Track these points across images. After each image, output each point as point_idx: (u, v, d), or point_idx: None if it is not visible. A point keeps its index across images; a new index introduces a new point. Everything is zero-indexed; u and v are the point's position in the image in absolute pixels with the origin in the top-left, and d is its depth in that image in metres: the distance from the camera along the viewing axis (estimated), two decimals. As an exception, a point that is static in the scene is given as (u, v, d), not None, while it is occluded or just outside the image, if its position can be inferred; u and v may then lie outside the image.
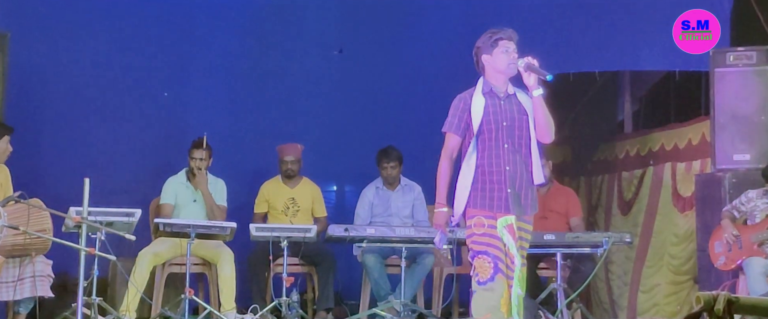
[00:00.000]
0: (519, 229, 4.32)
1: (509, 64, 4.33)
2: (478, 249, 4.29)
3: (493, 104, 4.37)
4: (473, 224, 4.32)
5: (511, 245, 4.27)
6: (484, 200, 4.31)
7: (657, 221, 7.03)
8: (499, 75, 4.40)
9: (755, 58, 6.08)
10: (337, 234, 6.06)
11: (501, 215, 4.29)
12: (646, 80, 8.20)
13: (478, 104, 4.37)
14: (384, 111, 7.80)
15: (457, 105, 4.45)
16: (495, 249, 4.26)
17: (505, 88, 4.42)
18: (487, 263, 4.25)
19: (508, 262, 4.27)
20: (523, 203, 4.33)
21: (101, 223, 5.32)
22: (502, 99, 4.39)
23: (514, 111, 4.37)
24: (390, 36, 7.75)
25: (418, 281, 6.43)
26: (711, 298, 2.43)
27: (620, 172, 7.68)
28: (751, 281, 5.55)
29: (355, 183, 7.60)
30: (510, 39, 4.38)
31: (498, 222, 4.28)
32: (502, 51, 4.36)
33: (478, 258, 4.28)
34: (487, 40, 4.41)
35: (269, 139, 7.29)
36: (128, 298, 6.00)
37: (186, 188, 6.60)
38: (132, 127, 7.45)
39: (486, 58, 4.42)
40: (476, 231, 4.30)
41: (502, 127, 4.33)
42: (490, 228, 4.28)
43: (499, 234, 4.27)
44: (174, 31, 7.49)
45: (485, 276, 4.26)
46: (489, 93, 4.40)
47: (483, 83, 4.43)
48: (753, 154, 6.03)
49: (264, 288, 6.55)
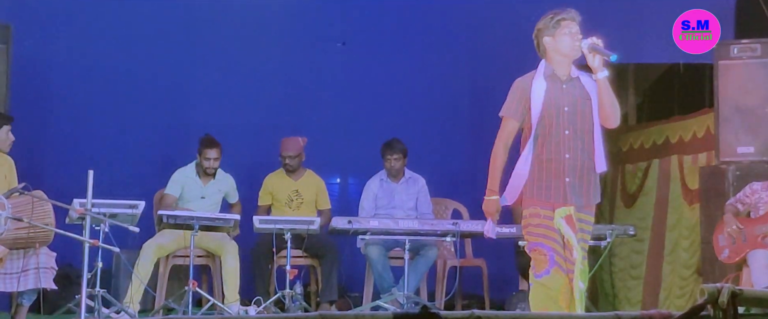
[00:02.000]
0: (579, 220, 4.10)
1: (573, 46, 4.11)
2: (533, 241, 4.10)
3: (555, 88, 4.14)
4: (529, 215, 4.12)
5: (570, 237, 4.05)
6: (541, 191, 4.09)
7: (670, 214, 7.00)
8: (563, 58, 4.16)
9: (760, 50, 6.05)
10: (341, 226, 6.06)
11: (559, 205, 4.08)
12: (651, 73, 8.18)
13: (538, 88, 4.12)
14: (388, 103, 7.79)
15: (515, 89, 4.20)
16: (551, 241, 4.06)
17: (568, 72, 4.18)
18: (543, 256, 4.06)
19: (567, 254, 4.06)
20: (584, 193, 4.12)
21: (105, 215, 5.33)
22: (565, 83, 4.16)
23: (576, 95, 4.14)
24: (393, 28, 7.74)
25: (421, 273, 6.44)
26: (715, 290, 2.43)
27: (624, 164, 7.67)
28: (755, 274, 5.54)
29: (359, 175, 7.60)
30: (573, 20, 4.16)
31: (556, 213, 4.07)
32: (566, 32, 4.14)
33: (534, 251, 4.10)
34: (548, 22, 4.16)
35: (273, 131, 7.28)
36: (132, 290, 6.02)
37: (195, 183, 6.60)
38: (136, 119, 7.45)
39: (548, 41, 4.17)
40: (532, 222, 4.11)
41: (563, 113, 4.11)
42: (546, 219, 4.07)
43: (557, 226, 4.07)
44: (178, 23, 7.49)
45: (541, 269, 4.06)
46: (551, 76, 4.16)
47: (545, 66, 4.19)
48: (757, 147, 6.01)
49: (267, 280, 6.55)
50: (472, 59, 7.71)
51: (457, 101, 7.93)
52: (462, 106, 7.95)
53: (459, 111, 7.94)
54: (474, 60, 7.71)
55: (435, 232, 6.13)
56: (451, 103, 7.91)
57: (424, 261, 6.43)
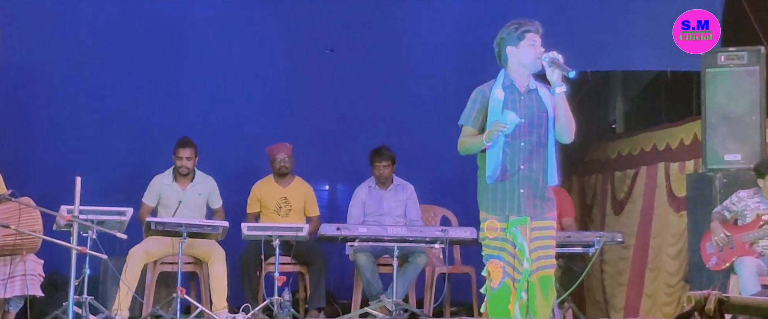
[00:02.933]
0: (536, 229, 4.14)
1: (535, 58, 4.14)
2: (490, 254, 4.17)
3: (513, 99, 4.17)
4: (486, 228, 4.19)
5: (522, 247, 4.12)
6: (495, 202, 4.16)
7: (655, 222, 7.03)
8: (523, 69, 4.19)
9: (746, 58, 6.08)
10: (330, 233, 6.06)
11: (513, 215, 4.14)
12: (638, 80, 8.22)
13: (496, 98, 4.17)
14: (376, 110, 7.79)
15: (475, 98, 4.25)
16: (505, 253, 4.13)
17: (526, 83, 4.21)
18: (498, 268, 4.13)
19: (517, 264, 4.13)
20: (538, 205, 4.17)
21: (92, 221, 5.31)
22: (523, 94, 4.20)
23: (533, 107, 4.18)
24: (382, 35, 7.75)
25: (409, 280, 6.43)
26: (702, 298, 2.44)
27: (613, 172, 7.69)
28: (743, 281, 5.56)
29: (347, 182, 7.60)
30: (536, 32, 4.18)
31: (509, 223, 4.13)
32: (529, 44, 4.15)
33: (490, 262, 4.17)
34: (512, 32, 4.18)
35: (260, 138, 7.28)
36: (120, 297, 5.99)
37: (172, 189, 6.58)
38: (124, 126, 7.43)
39: (510, 51, 4.19)
40: (489, 235, 4.18)
41: (520, 124, 4.15)
42: (501, 232, 4.14)
43: (510, 236, 4.13)
44: (165, 31, 7.47)
45: (495, 281, 4.15)
46: (509, 87, 4.19)
47: (504, 76, 4.22)
48: (744, 154, 6.04)
49: (256, 287, 6.54)
50: (460, 66, 7.71)
51: (445, 108, 7.91)
52: (450, 113, 7.92)
53: (447, 118, 7.91)
54: (462, 66, 7.71)
55: (424, 239, 6.14)
56: (439, 110, 7.90)
57: (412, 268, 6.43)
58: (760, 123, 6.02)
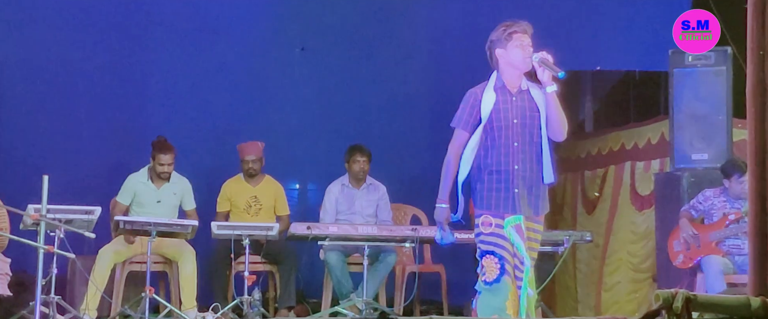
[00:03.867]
0: (528, 229, 4.18)
1: (524, 58, 4.16)
2: (485, 249, 4.16)
3: (504, 100, 4.20)
4: (481, 223, 4.19)
5: (519, 245, 4.13)
6: (491, 201, 4.17)
7: (616, 219, 7.09)
8: (513, 70, 4.22)
9: (713, 58, 6.14)
10: (300, 232, 6.05)
11: (508, 215, 4.15)
12: (607, 80, 8.27)
13: (488, 100, 4.19)
14: (347, 109, 7.79)
15: (467, 100, 4.26)
16: (502, 249, 4.13)
17: (518, 84, 4.24)
18: (494, 264, 4.12)
19: (517, 262, 4.14)
20: (532, 204, 4.20)
21: (60, 220, 5.26)
22: (514, 95, 4.22)
23: (525, 108, 4.21)
24: (352, 34, 7.75)
25: (380, 279, 6.44)
26: (669, 296, 2.46)
27: (583, 171, 7.73)
28: (709, 279, 5.62)
29: (318, 182, 7.59)
30: (525, 32, 4.20)
31: (505, 222, 4.14)
32: (517, 45, 4.18)
33: (486, 258, 4.15)
34: (501, 34, 4.21)
35: (231, 137, 7.25)
36: (88, 296, 5.95)
37: (148, 188, 6.53)
38: (91, 124, 7.37)
39: (500, 53, 4.22)
40: (484, 230, 4.17)
41: (513, 125, 4.18)
42: (497, 227, 4.14)
43: (507, 234, 4.14)
44: (135, 27, 7.43)
45: (491, 277, 4.13)
46: (501, 88, 4.22)
47: (495, 78, 4.25)
48: (711, 154, 6.10)
49: (225, 286, 6.52)
50: (432, 65, 7.74)
51: (416, 107, 7.96)
52: (422, 112, 7.98)
53: (419, 117, 7.97)
54: (434, 66, 7.74)
55: (394, 238, 6.15)
56: (410, 110, 7.93)
57: (383, 267, 6.43)
58: (726, 123, 6.08)
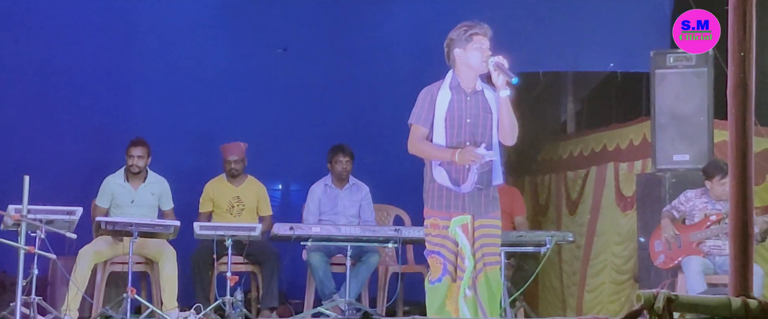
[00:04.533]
0: (481, 227, 4.23)
1: (482, 61, 4.23)
2: (431, 249, 4.27)
3: (459, 100, 4.28)
4: (429, 225, 4.29)
5: (464, 245, 4.20)
6: (440, 200, 4.24)
7: (600, 220, 7.12)
8: (470, 71, 4.29)
9: (694, 59, 6.18)
10: (283, 233, 6.03)
11: (456, 214, 4.23)
12: (589, 81, 8.30)
13: (443, 98, 4.27)
14: (330, 110, 7.78)
15: (424, 97, 4.35)
16: (446, 250, 4.22)
17: (473, 85, 4.31)
18: (438, 264, 4.23)
19: (459, 262, 4.21)
20: (483, 203, 4.25)
21: (41, 221, 5.23)
22: (469, 95, 4.30)
23: (479, 108, 4.28)
24: (336, 35, 7.74)
25: (363, 279, 6.44)
26: (651, 296, 2.47)
27: (566, 172, 7.76)
28: (689, 280, 5.65)
29: (301, 182, 7.58)
30: (485, 34, 4.27)
31: (452, 221, 4.22)
32: (476, 47, 4.25)
33: (431, 257, 4.27)
34: (461, 34, 4.28)
35: (213, 137, 7.23)
36: (69, 297, 5.92)
37: (124, 189, 6.50)
38: (73, 124, 7.33)
39: (458, 53, 4.30)
40: (431, 232, 4.28)
41: (465, 124, 4.26)
42: (443, 229, 4.24)
43: (452, 234, 4.21)
44: (116, 27, 7.39)
45: (434, 276, 4.25)
46: (456, 88, 4.30)
47: (451, 77, 4.33)
48: (692, 155, 6.13)
49: (207, 287, 6.50)
50: (414, 64, 7.72)
51: (398, 108, 7.90)
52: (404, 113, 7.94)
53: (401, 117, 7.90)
54: (416, 65, 7.72)
55: (377, 238, 6.14)
56: (393, 110, 7.88)
57: (365, 267, 6.43)
58: (708, 124, 6.12)
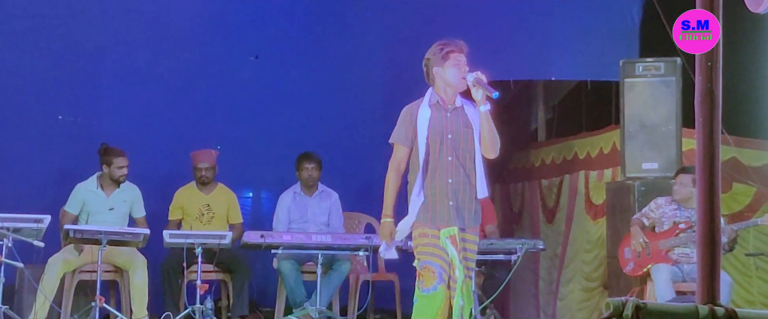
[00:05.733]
0: (463, 240, 4.32)
1: (460, 77, 4.32)
2: (424, 260, 4.32)
3: (439, 117, 4.37)
4: (418, 235, 4.35)
5: (453, 256, 4.27)
6: (427, 214, 4.33)
7: (572, 229, 7.16)
8: (449, 88, 4.38)
9: (663, 69, 6.24)
10: (253, 241, 6.01)
11: (443, 226, 4.31)
12: (559, 89, 8.35)
13: (423, 116, 4.36)
14: (300, 117, 7.76)
15: (404, 116, 4.44)
16: (439, 259, 4.28)
17: (453, 101, 4.41)
18: (431, 273, 4.27)
19: (452, 272, 4.29)
20: (465, 216, 4.35)
21: (8, 229, 5.18)
22: (449, 112, 4.39)
23: (460, 124, 4.37)
24: (306, 41, 7.73)
25: (334, 287, 6.43)
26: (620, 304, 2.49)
27: (539, 180, 7.79)
28: (658, 287, 5.69)
29: (271, 190, 7.55)
30: (461, 51, 4.36)
31: (441, 233, 4.29)
32: (453, 64, 4.34)
33: (424, 267, 4.31)
34: (437, 53, 4.38)
35: (183, 144, 7.18)
36: (36, 306, 5.86)
37: (97, 196, 6.45)
38: (41, 131, 7.25)
39: (437, 71, 4.38)
40: (421, 242, 4.34)
41: (447, 140, 4.34)
42: (433, 238, 4.30)
43: (442, 245, 4.29)
44: (85, 34, 7.32)
45: (428, 285, 4.28)
46: (435, 105, 4.39)
47: (430, 95, 4.42)
48: (661, 163, 6.19)
49: (177, 295, 6.46)
50: (386, 73, 7.74)
51: (370, 115, 7.95)
52: (375, 120, 7.96)
53: (372, 125, 7.95)
54: (388, 74, 7.74)
55: (348, 246, 6.14)
56: (364, 117, 7.92)
57: (336, 275, 6.42)
58: (676, 132, 6.18)
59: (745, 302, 6.11)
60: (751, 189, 6.25)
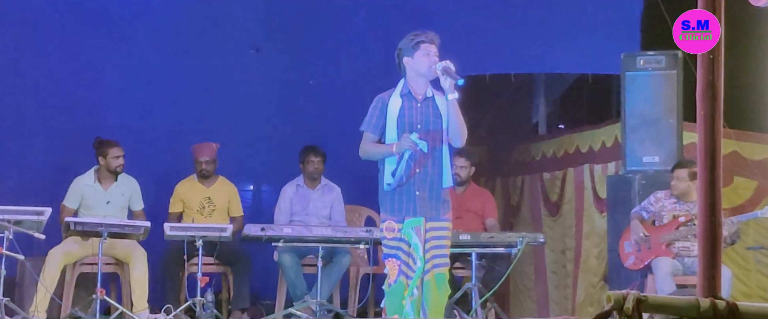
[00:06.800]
0: (432, 229, 4.39)
1: (429, 67, 4.39)
2: (388, 252, 4.44)
3: (410, 106, 4.44)
4: (385, 228, 4.45)
5: (416, 246, 4.36)
6: (393, 204, 4.41)
7: (584, 224, 7.12)
8: (419, 77, 4.46)
9: (664, 62, 6.23)
10: (254, 234, 6.02)
11: (409, 217, 4.38)
12: (560, 83, 8.35)
13: (394, 106, 4.43)
14: (301, 111, 7.77)
15: (375, 105, 4.52)
16: (401, 252, 4.39)
17: (423, 91, 4.47)
18: (395, 266, 4.39)
19: (411, 262, 4.38)
20: (434, 206, 4.41)
21: (9, 221, 5.19)
22: (419, 101, 4.46)
23: (429, 114, 4.44)
24: (307, 34, 7.72)
25: (334, 280, 6.43)
26: (621, 297, 2.49)
27: (541, 173, 7.77)
28: (659, 281, 5.69)
29: (272, 183, 7.56)
30: (431, 42, 4.43)
31: (405, 223, 4.37)
32: (424, 54, 4.41)
33: (388, 261, 4.43)
34: (409, 43, 4.46)
35: (184, 137, 7.19)
36: (37, 298, 5.87)
37: (95, 190, 6.44)
38: (42, 125, 7.26)
39: (407, 61, 4.47)
40: (387, 235, 4.44)
41: (416, 129, 4.40)
42: (398, 232, 4.40)
43: (406, 236, 4.37)
44: (87, 28, 7.32)
45: (392, 278, 4.41)
46: (406, 95, 4.46)
47: (402, 84, 4.50)
48: (661, 156, 6.18)
49: (178, 288, 6.46)
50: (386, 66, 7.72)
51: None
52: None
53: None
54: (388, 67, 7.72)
55: (348, 239, 6.15)
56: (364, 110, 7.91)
57: (337, 268, 6.42)
58: (677, 126, 6.17)
59: (743, 296, 6.11)
60: (752, 183, 6.24)
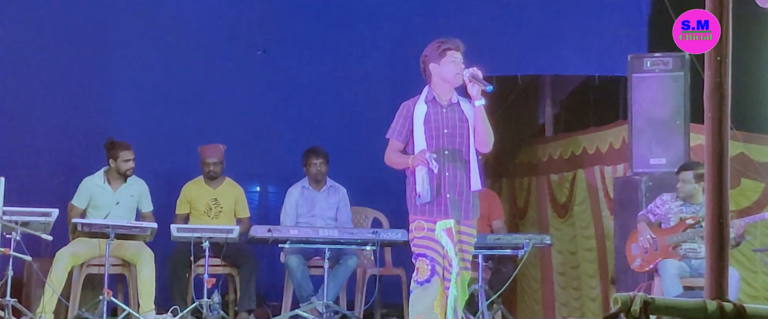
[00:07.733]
0: (459, 232, 4.43)
1: (456, 74, 4.46)
2: (418, 251, 4.46)
3: (435, 112, 4.51)
4: (414, 228, 4.49)
5: (449, 248, 4.39)
6: (424, 206, 4.45)
7: (604, 225, 7.07)
8: (445, 84, 4.53)
9: (671, 63, 6.23)
10: (260, 235, 6.02)
11: (439, 219, 4.42)
12: (567, 84, 8.34)
13: (420, 112, 4.51)
14: (308, 112, 7.77)
15: (400, 112, 4.60)
16: (433, 252, 4.42)
17: (449, 97, 4.55)
18: (426, 265, 4.41)
19: (446, 264, 4.40)
20: (463, 208, 4.47)
21: (16, 223, 5.20)
22: (445, 107, 4.53)
23: (455, 119, 4.51)
24: (314, 35, 7.73)
25: (341, 282, 6.43)
26: (628, 299, 2.48)
27: (548, 175, 7.75)
28: (665, 283, 5.68)
29: (279, 184, 7.56)
30: (457, 49, 4.52)
31: (437, 225, 4.40)
32: (450, 61, 4.49)
33: (419, 260, 4.45)
34: (435, 50, 4.53)
35: (191, 139, 7.20)
36: (44, 299, 5.87)
37: (104, 191, 6.45)
38: (49, 125, 7.27)
39: (433, 67, 4.53)
40: (417, 234, 4.47)
41: (443, 134, 4.47)
42: (429, 231, 4.43)
43: (438, 237, 4.40)
44: (95, 28, 7.33)
45: (423, 277, 4.42)
46: (432, 101, 4.53)
47: (427, 91, 4.57)
48: (668, 158, 6.17)
49: (185, 289, 6.47)
50: (393, 67, 7.73)
51: (377, 110, 7.93)
52: (382, 115, 7.92)
53: (379, 119, 7.90)
54: (395, 68, 7.74)
55: (355, 240, 6.15)
56: (371, 112, 7.92)
57: (343, 270, 6.43)
58: (684, 128, 6.16)
59: (749, 298, 6.10)
60: (759, 185, 6.24)
